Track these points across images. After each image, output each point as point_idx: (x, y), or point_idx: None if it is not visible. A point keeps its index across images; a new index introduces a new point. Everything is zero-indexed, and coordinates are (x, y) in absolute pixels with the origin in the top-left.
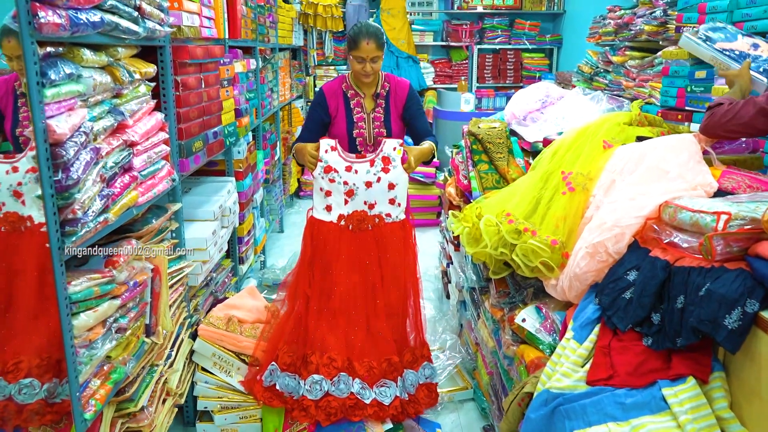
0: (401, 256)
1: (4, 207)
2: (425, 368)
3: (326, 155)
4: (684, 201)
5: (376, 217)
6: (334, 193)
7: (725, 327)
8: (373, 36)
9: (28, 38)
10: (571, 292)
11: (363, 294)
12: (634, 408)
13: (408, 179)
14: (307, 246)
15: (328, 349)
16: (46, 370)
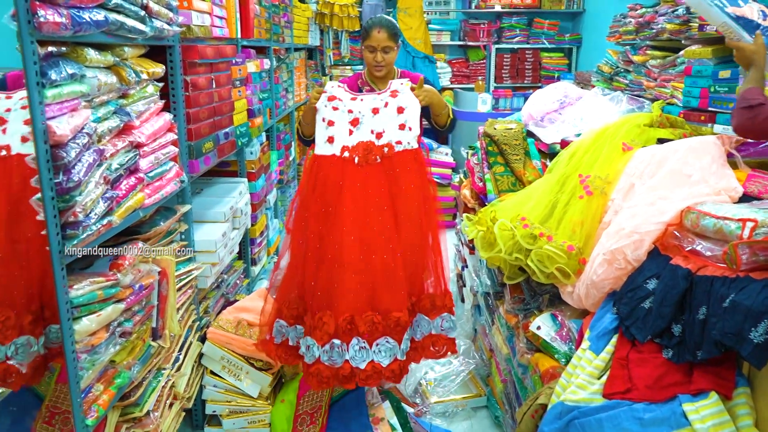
0: (417, 190)
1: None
2: (444, 319)
3: (332, 89)
4: (707, 207)
5: (385, 146)
6: (336, 122)
7: (751, 341)
8: (384, 26)
9: (28, 37)
10: (588, 300)
11: (372, 237)
12: (652, 424)
13: (419, 105)
14: (305, 186)
15: (322, 308)
16: (37, 324)
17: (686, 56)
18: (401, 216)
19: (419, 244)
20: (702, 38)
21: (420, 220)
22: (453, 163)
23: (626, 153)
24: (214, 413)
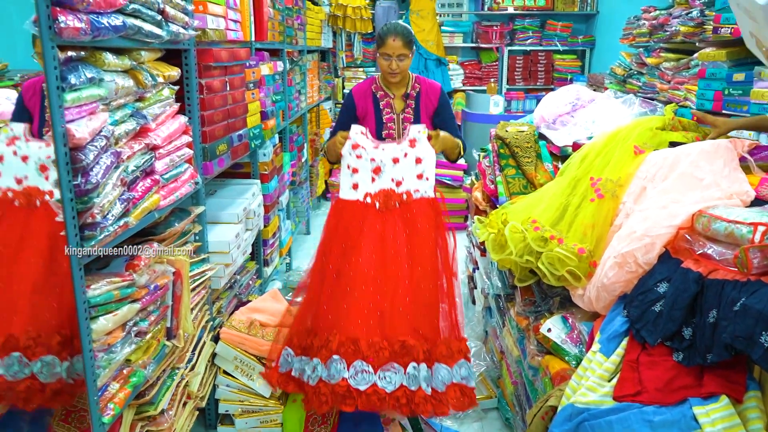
0: (432, 236)
1: (26, 180)
2: (461, 366)
3: (356, 136)
4: (718, 210)
5: (404, 194)
6: (360, 170)
7: (762, 344)
8: (400, 33)
9: (48, 42)
10: (599, 303)
11: (385, 273)
12: (662, 426)
13: (435, 155)
14: (329, 229)
15: (330, 329)
16: (64, 347)
17: (700, 59)
18: (416, 258)
19: (432, 287)
20: (716, 41)
21: (434, 264)
22: (465, 165)
23: (638, 156)
24: (227, 413)
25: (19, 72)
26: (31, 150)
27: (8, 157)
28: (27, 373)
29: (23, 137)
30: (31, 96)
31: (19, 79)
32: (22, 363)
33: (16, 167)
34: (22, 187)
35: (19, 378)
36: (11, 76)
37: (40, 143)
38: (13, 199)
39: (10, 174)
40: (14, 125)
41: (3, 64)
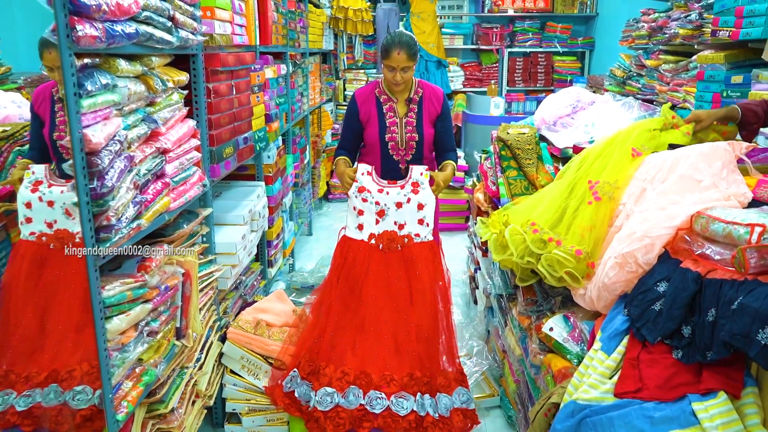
0: (430, 276)
1: (56, 224)
2: (460, 393)
3: (362, 177)
4: (717, 212)
5: (405, 237)
6: (366, 212)
7: (758, 342)
8: (405, 46)
9: (66, 50)
10: (600, 303)
11: (390, 311)
12: (662, 422)
13: (436, 201)
14: (336, 262)
15: (343, 364)
16: (96, 377)
17: (699, 61)
18: (416, 296)
19: (432, 324)
20: (715, 43)
21: (433, 302)
22: (466, 166)
23: (636, 159)
24: (234, 411)
25: (22, 75)
26: (54, 195)
27: (35, 203)
28: (60, 401)
29: (45, 180)
30: (41, 102)
31: (23, 82)
32: (57, 392)
33: (45, 212)
34: (54, 230)
35: (53, 405)
36: (14, 79)
37: (62, 187)
38: (47, 243)
39: (40, 219)
40: (35, 167)
41: (6, 68)
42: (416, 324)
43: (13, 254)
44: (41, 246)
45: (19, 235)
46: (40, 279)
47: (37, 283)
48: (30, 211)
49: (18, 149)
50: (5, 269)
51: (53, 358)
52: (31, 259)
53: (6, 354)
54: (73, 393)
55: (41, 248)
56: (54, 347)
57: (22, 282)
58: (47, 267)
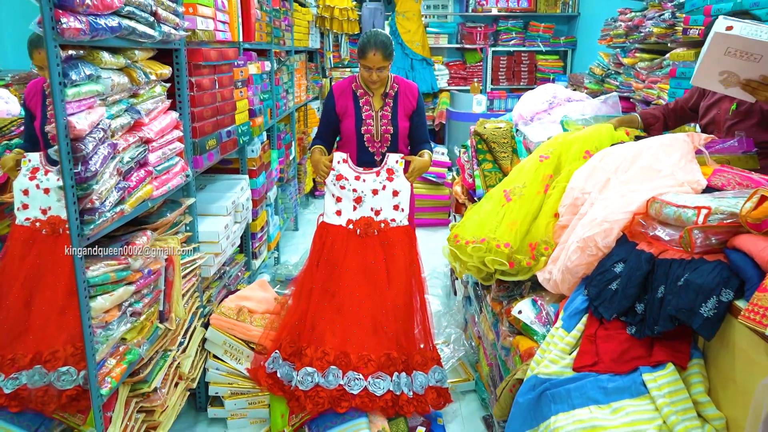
0: (406, 259)
1: (50, 211)
2: (435, 372)
3: (338, 165)
4: (669, 197)
5: (381, 222)
6: (343, 199)
7: (701, 315)
8: (380, 47)
9: (52, 42)
10: (564, 285)
11: (368, 293)
12: (615, 392)
13: (411, 187)
14: (316, 247)
15: (323, 344)
16: (81, 358)
17: (671, 59)
18: (393, 278)
19: (407, 303)
20: (686, 41)
21: (408, 284)
22: (449, 162)
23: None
24: (217, 395)
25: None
26: (51, 183)
27: (33, 190)
28: (46, 382)
29: (42, 167)
30: (33, 96)
31: (11, 80)
32: (41, 374)
33: (40, 199)
34: (47, 216)
35: (38, 386)
36: (2, 76)
37: (58, 175)
38: (40, 229)
39: (36, 206)
40: (30, 155)
41: None
42: (393, 304)
43: (10, 240)
44: (34, 231)
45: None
46: (31, 263)
47: (27, 267)
48: (27, 198)
49: (5, 143)
50: (3, 255)
51: (38, 340)
52: (23, 244)
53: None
54: (58, 374)
55: (34, 233)
56: (39, 330)
57: (16, 266)
58: (38, 252)
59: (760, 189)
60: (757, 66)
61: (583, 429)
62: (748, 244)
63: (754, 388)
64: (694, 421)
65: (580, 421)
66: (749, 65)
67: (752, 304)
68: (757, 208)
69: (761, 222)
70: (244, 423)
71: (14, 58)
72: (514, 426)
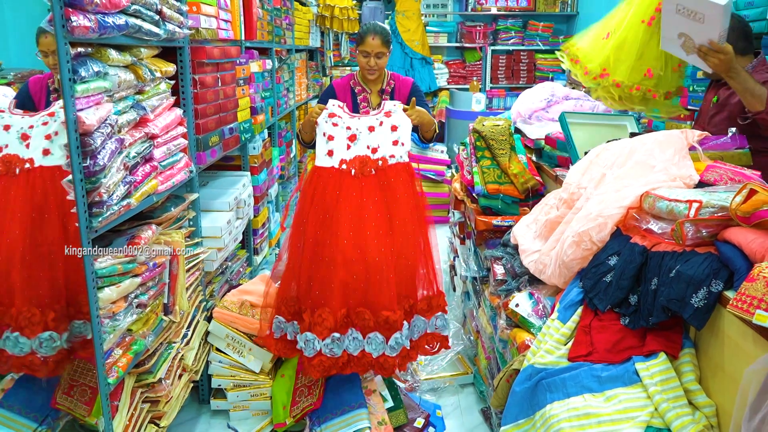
0: (410, 200)
1: (6, 149)
2: (438, 318)
3: (333, 107)
4: (662, 191)
5: (379, 160)
6: (336, 137)
7: (691, 305)
8: (379, 33)
9: (62, 39)
10: (560, 279)
11: (365, 241)
12: (608, 381)
13: (411, 123)
14: (305, 196)
15: (320, 305)
16: (61, 321)
17: None
18: (394, 222)
19: (412, 249)
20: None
21: (412, 226)
22: (448, 160)
23: None
24: (220, 387)
25: (12, 71)
26: (13, 120)
27: None
28: (28, 350)
29: (7, 110)
30: (38, 89)
31: (13, 78)
32: (21, 342)
33: None
34: (2, 155)
35: (23, 354)
36: (5, 74)
37: (24, 115)
38: None
39: None
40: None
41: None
42: (395, 251)
43: None
44: None
45: None
46: None
47: None
48: None
49: None
50: None
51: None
52: None
53: None
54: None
55: None
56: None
57: None
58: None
59: (750, 183)
60: (703, 28)
61: (578, 416)
62: (737, 236)
63: (742, 375)
64: (685, 408)
65: (575, 408)
66: (698, 27)
67: (740, 293)
68: (747, 201)
69: (750, 215)
70: (246, 415)
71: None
72: (510, 415)
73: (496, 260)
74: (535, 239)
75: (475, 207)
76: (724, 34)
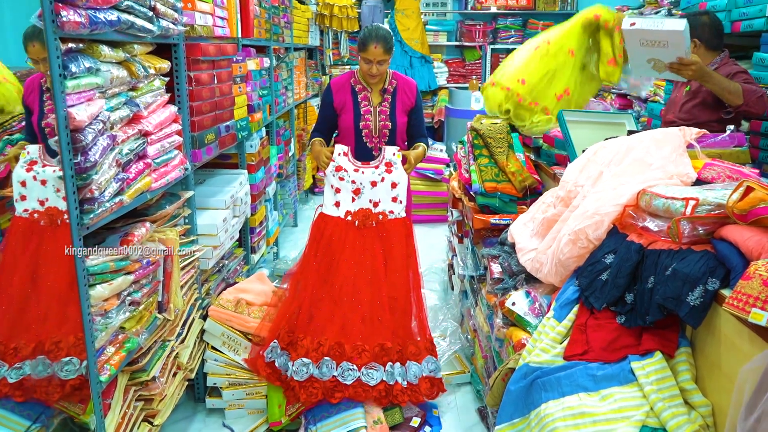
0: (403, 250)
1: (47, 202)
2: (428, 362)
3: (338, 158)
4: (659, 189)
5: (380, 214)
6: (342, 190)
7: (687, 303)
8: (381, 40)
9: (52, 35)
10: (557, 278)
11: (365, 284)
12: (604, 380)
13: (408, 179)
14: (314, 238)
15: (319, 335)
16: (83, 349)
17: None
18: (390, 270)
19: (404, 295)
20: None
21: (405, 276)
22: (447, 159)
23: None
24: (215, 385)
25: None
26: (47, 174)
27: (30, 182)
28: (49, 372)
29: (40, 161)
30: (30, 93)
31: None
32: (45, 364)
33: (37, 190)
34: (45, 207)
35: (42, 376)
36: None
37: (54, 167)
38: (38, 220)
39: (33, 197)
40: (30, 148)
41: None
42: (390, 296)
43: (9, 231)
44: (33, 222)
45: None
46: (31, 254)
47: (27, 258)
48: (24, 189)
49: (7, 138)
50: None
51: (40, 331)
52: (23, 235)
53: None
54: (61, 364)
55: (33, 224)
56: (41, 320)
57: (16, 257)
58: (37, 243)
59: (746, 180)
60: (669, 50)
61: (573, 416)
62: (734, 234)
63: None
64: (681, 407)
65: (570, 408)
66: (663, 51)
67: (736, 291)
68: (743, 199)
69: (747, 213)
70: (242, 413)
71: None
72: (505, 414)
73: (493, 259)
74: (532, 237)
75: (473, 205)
76: (688, 50)
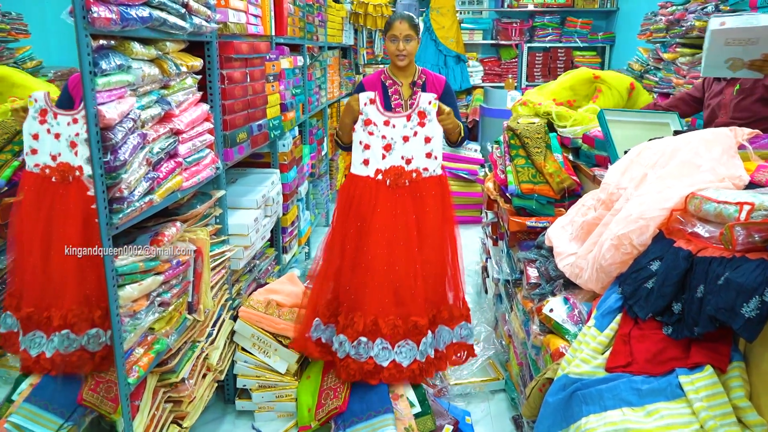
0: (439, 212)
1: (60, 157)
2: (462, 328)
3: (365, 108)
4: (709, 192)
5: (413, 172)
6: (372, 146)
7: (742, 315)
8: (406, 17)
9: (82, 31)
10: (597, 284)
11: (398, 250)
12: (649, 394)
13: (443, 132)
14: (342, 201)
15: (354, 309)
16: (106, 318)
17: None
18: (424, 233)
19: (439, 259)
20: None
21: (441, 238)
22: (481, 159)
23: None
24: (245, 387)
25: (53, 69)
26: (62, 128)
27: (43, 135)
28: (77, 346)
29: (50, 110)
30: (75, 86)
31: (53, 76)
32: (71, 339)
33: (50, 145)
34: (57, 163)
35: (71, 351)
36: (45, 72)
37: (68, 119)
38: (50, 176)
39: (45, 151)
40: (36, 94)
41: (37, 61)
42: (423, 262)
43: (22, 189)
44: (44, 179)
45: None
46: (45, 215)
47: (42, 218)
48: (36, 142)
49: None
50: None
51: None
52: (36, 194)
53: (24, 294)
54: (87, 337)
55: (45, 181)
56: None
57: (30, 216)
58: (50, 203)
59: None
60: (756, 47)
61: (615, 431)
62: None
63: None
64: (734, 426)
65: (613, 423)
66: (749, 48)
67: None
68: None
69: None
70: (272, 416)
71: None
72: (543, 426)
73: (529, 263)
74: (570, 241)
75: (509, 207)
76: None
